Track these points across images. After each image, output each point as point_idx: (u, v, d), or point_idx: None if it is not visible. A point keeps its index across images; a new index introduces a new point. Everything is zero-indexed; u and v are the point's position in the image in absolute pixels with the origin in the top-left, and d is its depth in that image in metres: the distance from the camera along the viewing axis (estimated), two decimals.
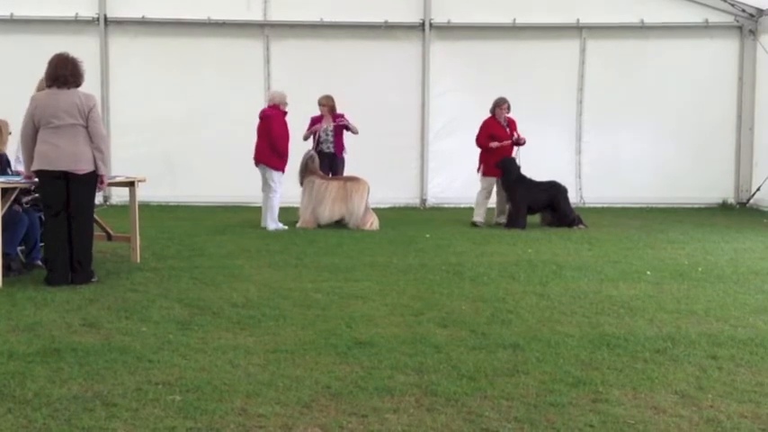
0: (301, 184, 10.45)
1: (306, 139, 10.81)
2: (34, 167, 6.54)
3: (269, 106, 10.31)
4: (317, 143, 10.75)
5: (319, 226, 10.30)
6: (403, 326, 5.31)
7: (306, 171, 10.38)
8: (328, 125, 10.72)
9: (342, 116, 10.80)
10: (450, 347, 4.77)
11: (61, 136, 6.45)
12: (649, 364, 4.50)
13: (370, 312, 5.67)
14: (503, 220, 10.81)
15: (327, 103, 10.76)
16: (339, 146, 10.82)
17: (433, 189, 13.49)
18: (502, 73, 13.05)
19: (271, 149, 10.04)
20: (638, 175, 13.47)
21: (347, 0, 13.13)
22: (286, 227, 10.12)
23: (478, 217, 10.84)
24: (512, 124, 10.96)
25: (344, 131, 10.86)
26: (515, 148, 10.91)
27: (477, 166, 11.02)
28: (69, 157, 6.46)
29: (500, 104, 10.88)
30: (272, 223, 10.06)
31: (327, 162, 10.71)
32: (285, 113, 10.19)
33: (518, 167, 10.65)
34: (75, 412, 3.67)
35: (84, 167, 6.52)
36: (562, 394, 3.99)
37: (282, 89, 10.61)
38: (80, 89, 6.62)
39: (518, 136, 10.91)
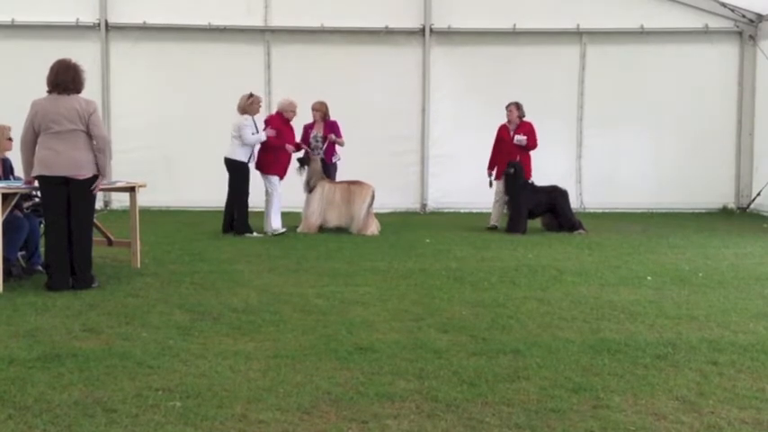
0: (307, 189, 10.44)
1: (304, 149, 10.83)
2: (34, 173, 6.55)
3: (274, 113, 10.44)
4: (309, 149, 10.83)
5: (321, 230, 10.33)
6: (403, 331, 5.31)
7: (314, 176, 10.39)
8: (319, 132, 10.74)
9: (334, 123, 10.80)
10: (450, 353, 4.77)
11: (61, 141, 6.46)
12: (650, 370, 4.49)
13: (370, 318, 5.67)
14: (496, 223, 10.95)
15: (321, 109, 10.79)
16: (329, 152, 10.82)
17: (433, 194, 13.51)
18: (502, 78, 13.09)
19: (264, 154, 10.11)
20: (638, 179, 13.50)
21: (348, 6, 13.17)
22: (283, 230, 10.12)
23: (496, 221, 10.92)
24: (523, 128, 10.80)
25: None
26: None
27: (490, 170, 10.95)
28: (69, 162, 6.47)
29: (506, 107, 10.89)
30: (266, 225, 10.09)
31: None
32: (285, 120, 10.23)
33: (524, 172, 10.63)
34: (75, 418, 3.67)
35: (85, 173, 6.53)
36: (563, 400, 3.98)
37: (288, 95, 10.54)
38: (81, 95, 6.63)
39: (524, 138, 10.76)
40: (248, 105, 10.03)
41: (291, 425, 3.64)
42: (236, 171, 10.03)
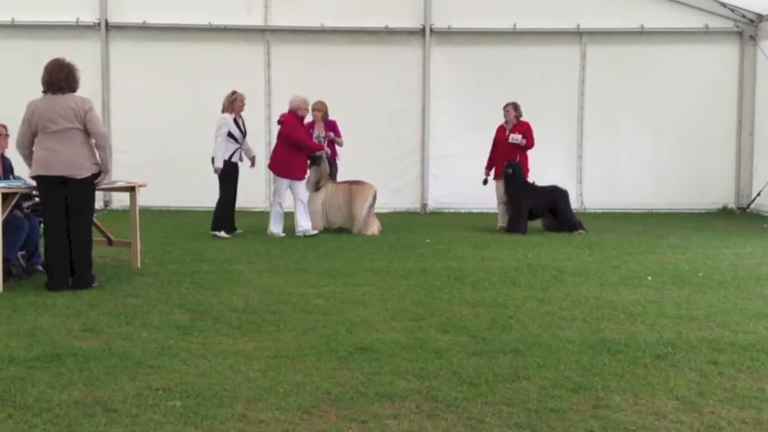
0: (313, 189, 10.42)
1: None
2: (33, 173, 6.55)
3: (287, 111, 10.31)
4: None
5: (324, 230, 10.32)
6: (403, 331, 5.31)
7: (322, 177, 10.38)
8: (320, 132, 10.73)
9: (334, 123, 10.79)
10: (450, 353, 4.77)
11: (58, 141, 6.46)
12: (650, 370, 4.49)
13: (370, 317, 5.67)
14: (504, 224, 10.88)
15: (321, 109, 10.76)
16: (331, 152, 10.81)
17: (433, 194, 13.51)
18: (502, 78, 13.08)
19: (276, 157, 10.08)
20: (638, 180, 13.50)
21: (348, 5, 13.17)
22: (282, 235, 10.04)
23: (504, 222, 10.82)
24: (519, 127, 10.75)
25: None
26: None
27: (487, 170, 10.93)
28: (67, 162, 6.47)
29: (504, 107, 10.87)
30: (269, 228, 10.08)
31: None
32: (299, 118, 10.15)
33: (523, 172, 10.62)
34: (75, 418, 3.67)
35: (83, 172, 6.53)
36: (563, 400, 3.98)
37: (300, 93, 10.33)
38: (77, 93, 6.63)
39: (520, 137, 10.69)
40: (230, 104, 10.04)
41: (291, 425, 3.64)
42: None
